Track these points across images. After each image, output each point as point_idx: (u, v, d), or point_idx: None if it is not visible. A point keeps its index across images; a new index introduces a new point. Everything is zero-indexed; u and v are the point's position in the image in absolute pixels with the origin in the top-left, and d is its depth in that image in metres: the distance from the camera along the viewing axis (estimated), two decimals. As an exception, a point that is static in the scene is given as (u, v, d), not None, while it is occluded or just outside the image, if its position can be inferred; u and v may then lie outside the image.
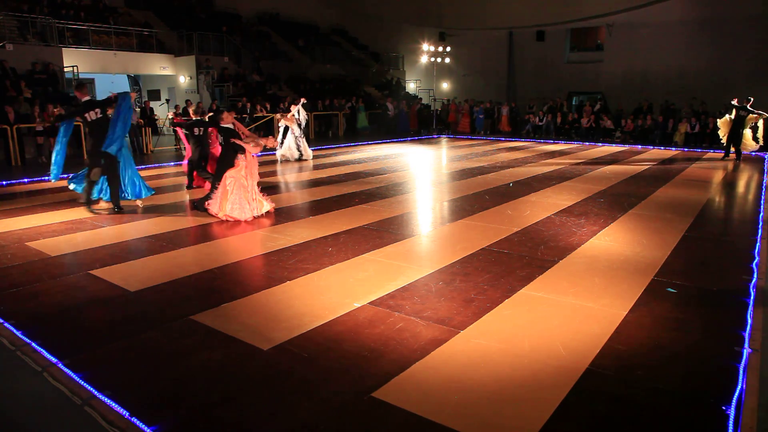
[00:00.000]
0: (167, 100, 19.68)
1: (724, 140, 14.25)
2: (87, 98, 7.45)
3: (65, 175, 8.10)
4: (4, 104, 13.38)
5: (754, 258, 5.52)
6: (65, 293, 4.57)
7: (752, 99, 13.87)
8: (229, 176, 7.14)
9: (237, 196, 7.12)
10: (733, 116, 13.77)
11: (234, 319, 4.05)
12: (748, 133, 14.05)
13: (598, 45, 25.14)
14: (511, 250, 5.83)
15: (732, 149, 14.07)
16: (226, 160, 7.19)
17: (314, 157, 14.64)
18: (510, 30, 26.00)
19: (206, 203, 7.34)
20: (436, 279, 4.92)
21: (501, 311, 4.21)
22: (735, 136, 13.84)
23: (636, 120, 19.88)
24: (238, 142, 7.12)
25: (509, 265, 5.30)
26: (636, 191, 9.37)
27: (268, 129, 18.97)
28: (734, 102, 13.85)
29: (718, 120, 14.86)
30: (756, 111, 13.72)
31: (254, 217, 7.25)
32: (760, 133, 14.29)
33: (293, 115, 13.74)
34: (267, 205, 7.46)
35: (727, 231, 6.81)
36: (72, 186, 8.08)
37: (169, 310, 4.22)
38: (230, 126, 7.30)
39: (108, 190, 7.72)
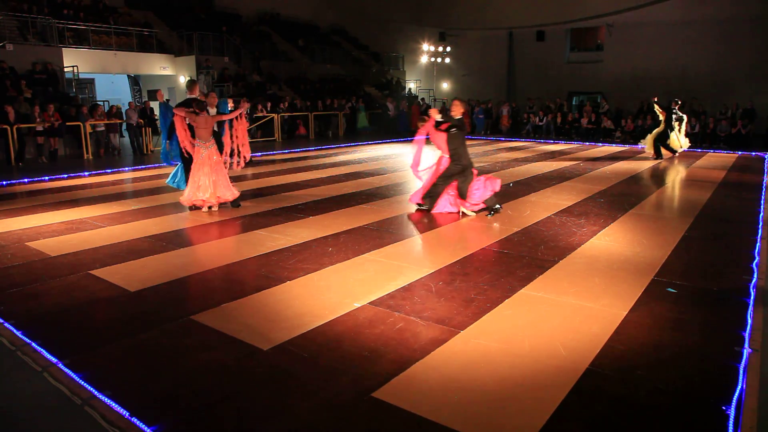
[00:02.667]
0: (167, 100, 19.66)
1: (651, 151, 14.57)
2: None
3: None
4: (5, 104, 13.39)
5: (754, 258, 5.52)
6: (65, 293, 4.57)
7: (679, 102, 14.54)
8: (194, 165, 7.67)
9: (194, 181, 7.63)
10: (663, 119, 14.29)
11: (234, 319, 4.05)
12: (674, 134, 14.59)
13: (598, 45, 25.15)
14: (511, 250, 5.83)
15: (662, 149, 14.50)
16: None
17: (315, 157, 14.65)
18: (510, 30, 26.02)
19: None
20: (436, 279, 4.92)
21: (501, 311, 4.21)
22: (665, 137, 14.35)
23: (636, 120, 19.89)
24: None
25: (509, 265, 5.30)
26: (636, 191, 9.37)
27: (268, 129, 19.00)
28: (672, 106, 14.39)
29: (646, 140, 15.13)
30: (679, 113, 14.47)
31: (210, 202, 7.65)
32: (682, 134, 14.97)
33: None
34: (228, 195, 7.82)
35: (727, 231, 6.81)
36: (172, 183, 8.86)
37: (169, 310, 4.22)
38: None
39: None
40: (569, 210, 7.81)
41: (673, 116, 14.15)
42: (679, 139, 14.67)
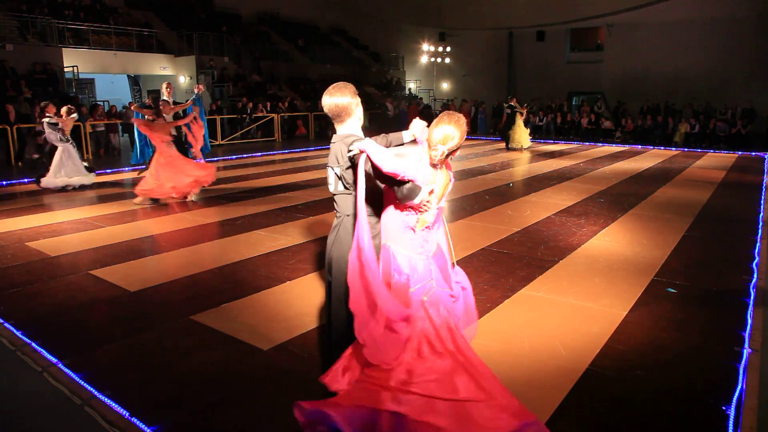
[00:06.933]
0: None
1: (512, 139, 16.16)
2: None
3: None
4: (5, 104, 13.39)
5: (754, 258, 5.52)
6: (65, 293, 4.57)
7: (515, 97, 16.36)
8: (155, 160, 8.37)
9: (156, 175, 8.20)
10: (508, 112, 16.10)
11: (234, 319, 4.05)
12: (523, 128, 16.05)
13: (598, 45, 25.13)
14: (511, 250, 5.83)
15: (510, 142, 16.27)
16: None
17: (315, 157, 14.62)
18: (510, 30, 26.00)
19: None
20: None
21: (501, 311, 4.21)
22: (508, 130, 16.34)
23: (636, 120, 19.90)
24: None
25: (509, 265, 5.30)
26: (636, 191, 9.36)
27: (268, 130, 19.00)
28: (512, 103, 16.10)
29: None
30: (518, 108, 15.96)
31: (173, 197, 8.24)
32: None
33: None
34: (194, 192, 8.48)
35: (727, 231, 6.81)
36: None
37: (169, 310, 4.22)
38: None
39: None
40: (569, 210, 7.81)
41: (509, 109, 15.66)
42: (520, 136, 15.96)
